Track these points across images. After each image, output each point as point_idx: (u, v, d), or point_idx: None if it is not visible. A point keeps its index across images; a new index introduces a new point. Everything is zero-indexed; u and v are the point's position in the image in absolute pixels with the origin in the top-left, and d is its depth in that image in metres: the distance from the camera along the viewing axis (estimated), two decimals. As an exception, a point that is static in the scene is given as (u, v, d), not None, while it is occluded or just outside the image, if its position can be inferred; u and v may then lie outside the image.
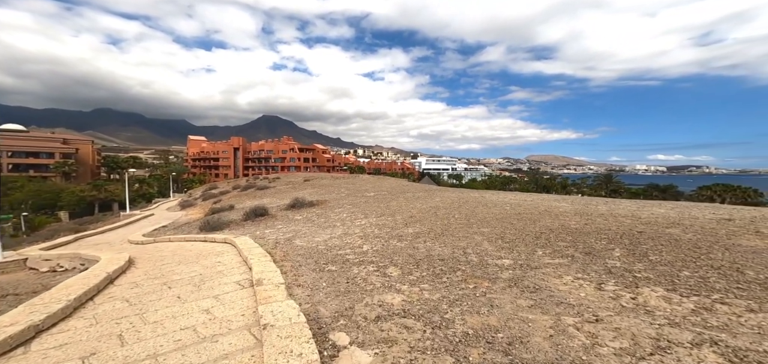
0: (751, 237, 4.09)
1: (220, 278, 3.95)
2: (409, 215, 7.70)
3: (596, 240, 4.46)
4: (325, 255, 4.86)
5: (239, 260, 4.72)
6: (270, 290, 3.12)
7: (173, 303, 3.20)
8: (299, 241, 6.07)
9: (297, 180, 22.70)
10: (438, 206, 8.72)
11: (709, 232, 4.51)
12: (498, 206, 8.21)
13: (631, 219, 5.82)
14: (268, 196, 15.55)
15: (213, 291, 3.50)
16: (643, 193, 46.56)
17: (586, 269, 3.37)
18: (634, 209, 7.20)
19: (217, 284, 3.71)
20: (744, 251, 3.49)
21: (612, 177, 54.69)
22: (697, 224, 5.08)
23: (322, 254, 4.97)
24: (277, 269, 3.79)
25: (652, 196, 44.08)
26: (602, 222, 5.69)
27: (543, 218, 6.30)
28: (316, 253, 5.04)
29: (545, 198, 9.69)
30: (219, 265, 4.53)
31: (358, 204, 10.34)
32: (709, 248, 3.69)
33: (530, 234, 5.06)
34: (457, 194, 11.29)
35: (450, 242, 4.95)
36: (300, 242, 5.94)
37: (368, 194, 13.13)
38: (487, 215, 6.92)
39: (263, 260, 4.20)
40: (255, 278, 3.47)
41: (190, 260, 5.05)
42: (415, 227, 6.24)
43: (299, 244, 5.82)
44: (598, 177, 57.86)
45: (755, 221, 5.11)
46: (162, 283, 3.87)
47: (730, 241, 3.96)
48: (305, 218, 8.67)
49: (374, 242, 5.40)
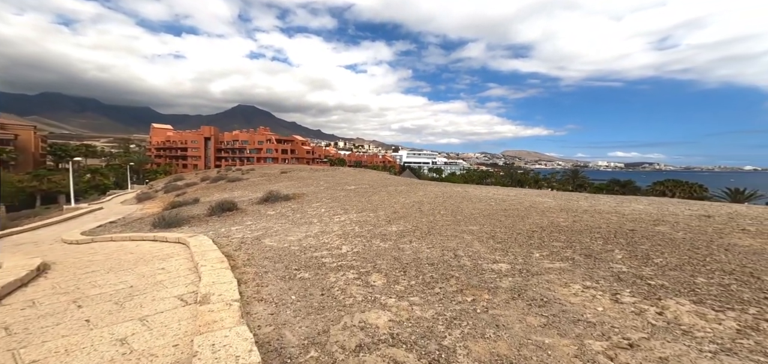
0: (741, 236, 4.00)
1: (157, 291, 3.15)
2: (392, 210, 7.17)
3: (591, 240, 4.19)
4: (297, 258, 4.19)
5: (191, 265, 3.91)
6: (218, 309, 2.42)
7: (76, 330, 2.40)
8: (269, 240, 5.32)
9: (273, 172, 21.48)
10: (422, 200, 8.27)
11: (697, 230, 4.40)
12: (483, 201, 7.91)
13: (616, 216, 5.69)
14: (240, 188, 14.34)
15: (141, 311, 2.72)
16: (606, 188, 49.75)
17: (592, 274, 3.01)
18: (614, 204, 7.18)
19: (151, 300, 2.92)
20: (744, 252, 3.32)
21: (578, 172, 57.97)
22: (682, 222, 5.00)
23: (294, 256, 4.29)
24: (233, 280, 3.07)
25: (614, 190, 47.23)
26: (589, 219, 5.50)
27: (530, 214, 6.03)
28: (287, 255, 4.35)
29: (527, 193, 9.59)
30: (161, 273, 3.69)
31: (338, 198, 9.65)
32: (709, 249, 3.50)
33: (522, 233, 4.71)
34: (441, 188, 10.95)
35: (438, 243, 4.47)
36: (270, 242, 5.19)
37: (349, 187, 12.46)
38: (473, 211, 6.55)
39: (218, 266, 3.45)
40: (202, 292, 2.73)
41: (126, 266, 4.13)
42: (399, 225, 5.71)
43: (269, 244, 5.07)
44: (566, 172, 61.19)
45: (735, 218, 5.14)
46: (71, 300, 2.99)
47: (724, 240, 3.83)
48: (279, 214, 7.86)
49: (355, 242, 4.80)
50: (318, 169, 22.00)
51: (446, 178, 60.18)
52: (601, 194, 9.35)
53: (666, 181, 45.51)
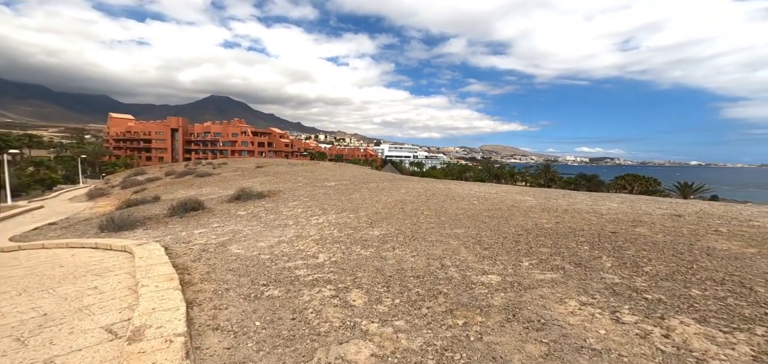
0: (716, 238, 4.07)
1: (79, 320, 2.55)
2: (373, 210, 6.80)
3: (577, 244, 4.09)
4: (267, 270, 3.71)
5: (133, 282, 3.31)
6: (154, 349, 1.92)
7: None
8: (236, 247, 4.76)
9: (248, 166, 20.29)
10: (404, 199, 7.98)
11: (674, 232, 4.46)
12: (466, 199, 7.76)
13: (595, 216, 5.73)
14: (209, 185, 13.28)
15: (49, 351, 2.14)
16: (574, 182, 52.77)
17: (586, 287, 2.84)
18: (591, 203, 7.31)
19: (67, 334, 2.33)
20: (726, 257, 3.33)
21: (549, 167, 61.07)
22: (658, 223, 5.09)
23: (263, 268, 3.80)
24: (181, 305, 2.55)
25: (582, 185, 50.19)
26: (570, 220, 5.48)
27: (514, 215, 5.93)
28: (255, 266, 3.85)
29: (508, 191, 9.62)
30: (91, 294, 3.05)
31: (317, 196, 9.13)
32: (692, 254, 3.49)
33: (508, 237, 4.55)
34: (423, 185, 10.74)
35: (423, 250, 4.18)
36: (236, 249, 4.64)
37: (328, 183, 11.92)
38: (457, 212, 6.35)
39: (164, 286, 2.89)
40: (135, 323, 2.20)
41: (49, 284, 3.42)
42: (381, 228, 5.36)
43: (235, 252, 4.52)
44: (539, 167, 64.22)
45: (704, 218, 5.32)
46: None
47: (702, 243, 3.86)
48: (251, 214, 7.21)
49: (333, 249, 4.38)
50: (296, 164, 21.08)
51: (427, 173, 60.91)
52: (576, 192, 9.59)
53: (626, 175, 49.13)
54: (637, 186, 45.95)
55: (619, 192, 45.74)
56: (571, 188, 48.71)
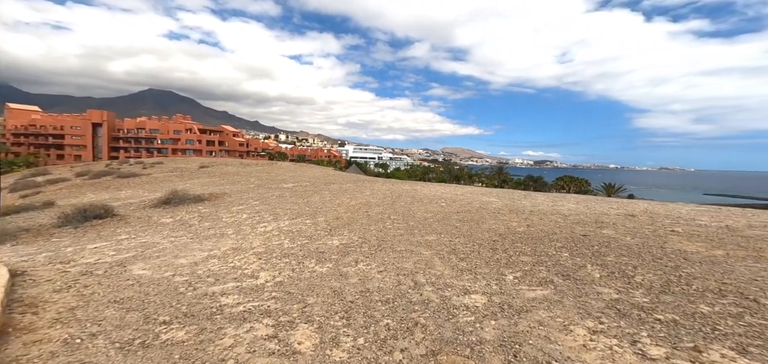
0: (679, 239, 4.04)
1: None
2: (334, 215, 5.92)
3: (556, 250, 3.74)
4: (178, 299, 2.66)
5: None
6: None
7: None
8: (141, 266, 3.53)
9: (190, 166, 17.72)
10: (369, 201, 7.22)
11: (637, 233, 4.40)
12: (433, 201, 7.29)
13: (560, 217, 5.62)
14: (133, 187, 11.02)
15: None
16: (523, 183, 57.25)
17: (586, 307, 2.38)
18: (550, 203, 7.35)
19: None
20: (703, 262, 3.19)
21: (502, 169, 65.53)
22: (618, 223, 5.08)
23: (173, 295, 2.73)
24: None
25: (529, 185, 54.58)
26: (539, 222, 5.26)
27: (484, 218, 5.56)
28: (161, 294, 2.76)
29: (473, 192, 9.44)
30: None
31: (269, 199, 7.91)
32: (671, 259, 3.31)
33: (484, 244, 4.06)
34: (388, 186, 10.10)
35: (392, 263, 3.46)
36: (141, 270, 3.43)
37: (285, 185, 10.65)
38: (426, 215, 5.79)
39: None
40: None
41: None
42: (342, 236, 4.53)
43: (137, 274, 3.32)
44: (493, 168, 68.53)
45: (654, 218, 5.47)
46: None
47: (671, 246, 3.77)
48: (178, 222, 5.81)
49: (280, 266, 3.44)
50: (251, 164, 19.03)
51: (392, 174, 61.03)
52: (536, 193, 9.81)
53: (564, 177, 54.78)
54: (572, 186, 51.50)
55: (560, 192, 50.71)
56: (522, 188, 52.74)
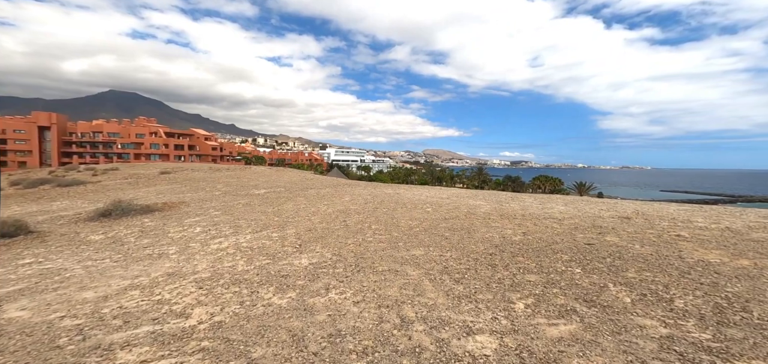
0: (693, 246, 3.65)
1: None
2: (307, 226, 5.11)
3: (564, 265, 3.20)
4: (44, 359, 1.79)
5: None
6: None
7: None
8: (21, 305, 2.55)
9: (149, 172, 16.08)
10: (348, 209, 6.46)
11: (644, 240, 3.96)
12: (418, 206, 6.66)
13: (554, 222, 5.17)
14: (71, 197, 9.51)
15: None
16: (502, 183, 58.57)
17: (634, 351, 1.77)
18: (539, 206, 6.96)
19: None
20: (739, 276, 2.75)
21: (482, 169, 66.85)
22: (618, 228, 4.68)
23: (43, 351, 1.84)
24: None
25: (508, 185, 55.87)
26: (535, 228, 4.77)
27: (474, 225, 4.98)
28: (25, 348, 1.86)
29: (459, 195, 8.94)
30: None
31: (233, 208, 6.93)
32: (705, 275, 2.84)
33: (480, 259, 3.45)
34: (370, 191, 9.38)
35: (373, 289, 2.75)
36: (17, 311, 2.46)
37: (256, 191, 9.62)
38: (411, 223, 5.13)
39: None
40: None
41: None
42: (314, 253, 3.75)
43: (10, 316, 2.36)
44: (473, 169, 69.79)
45: (650, 220, 5.14)
46: None
47: (690, 256, 3.34)
48: (111, 239, 4.73)
49: (224, 298, 2.61)
50: (221, 169, 17.61)
51: (375, 177, 60.30)
52: (522, 194, 9.48)
53: (539, 177, 56.68)
54: (547, 185, 53.43)
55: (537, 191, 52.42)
56: (501, 188, 53.95)
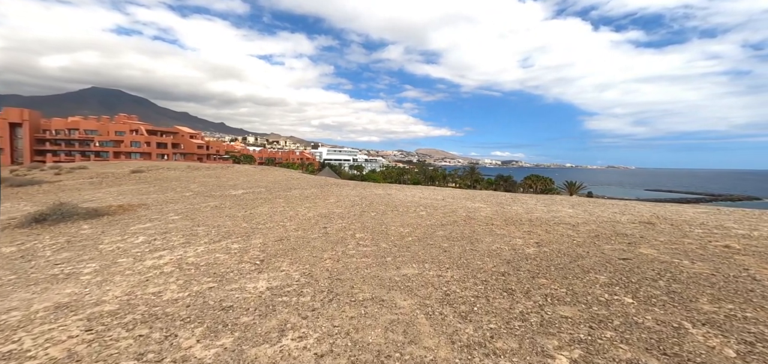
0: (749, 260, 3.02)
1: None
2: (279, 234, 4.27)
3: (604, 289, 2.45)
4: None
5: None
6: None
7: None
8: None
9: (120, 172, 14.90)
10: (332, 212, 5.64)
11: (692, 253, 3.28)
12: (411, 209, 5.89)
13: (569, 228, 4.47)
14: (17, 198, 8.37)
15: None
16: (494, 182, 58.59)
17: None
18: (544, 209, 6.30)
19: None
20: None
21: (474, 169, 66.84)
22: (650, 237, 3.96)
23: None
24: None
25: (500, 185, 55.85)
26: (547, 236, 4.05)
27: (477, 233, 4.24)
28: None
29: (455, 196, 8.22)
30: None
31: (199, 212, 6.02)
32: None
33: (491, 283, 2.70)
34: (359, 191, 8.57)
35: (346, 331, 1.94)
36: None
37: (233, 192, 8.70)
38: (402, 230, 4.35)
39: None
40: None
41: None
42: (277, 272, 2.92)
43: None
44: (465, 169, 69.73)
45: (677, 225, 4.51)
46: None
47: (761, 274, 2.70)
48: (20, 253, 3.75)
49: (118, 347, 1.74)
50: (201, 168, 16.49)
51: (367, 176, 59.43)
52: (522, 195, 8.83)
53: (531, 176, 56.84)
54: (539, 185, 53.67)
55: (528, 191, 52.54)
56: (493, 188, 53.87)
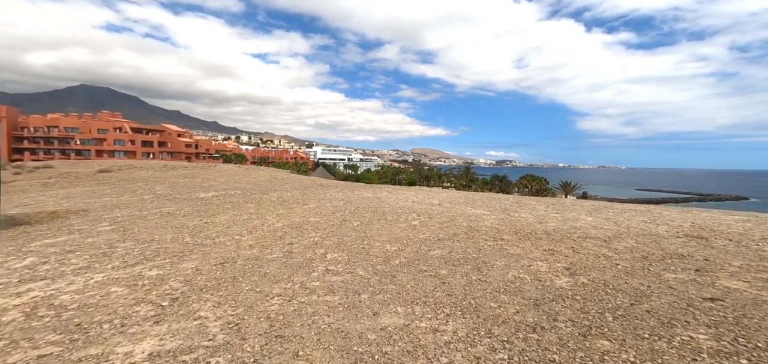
0: None
1: None
2: (224, 254, 3.26)
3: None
4: None
5: None
6: None
7: None
8: None
9: (85, 171, 13.67)
10: (306, 221, 4.65)
11: None
12: (401, 217, 4.95)
13: (601, 245, 3.59)
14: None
15: None
16: (490, 183, 58.11)
17: None
18: (558, 216, 5.40)
19: None
20: None
21: (469, 168, 66.32)
22: (718, 259, 3.14)
23: None
24: None
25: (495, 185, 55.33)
26: (580, 259, 3.15)
27: (484, 253, 3.31)
28: None
29: (452, 200, 7.30)
30: None
31: (139, 221, 4.96)
32: None
33: (520, 346, 1.73)
34: (345, 194, 7.59)
35: None
36: None
37: (201, 195, 7.65)
38: (389, 249, 3.39)
39: None
40: None
41: None
42: (185, 319, 1.91)
43: None
44: (461, 168, 69.18)
45: (748, 245, 3.69)
46: None
47: None
48: None
49: None
50: (177, 167, 15.26)
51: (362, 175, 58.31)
52: (528, 199, 7.92)
53: (526, 176, 56.48)
54: (534, 185, 53.36)
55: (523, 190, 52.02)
56: (489, 188, 53.28)
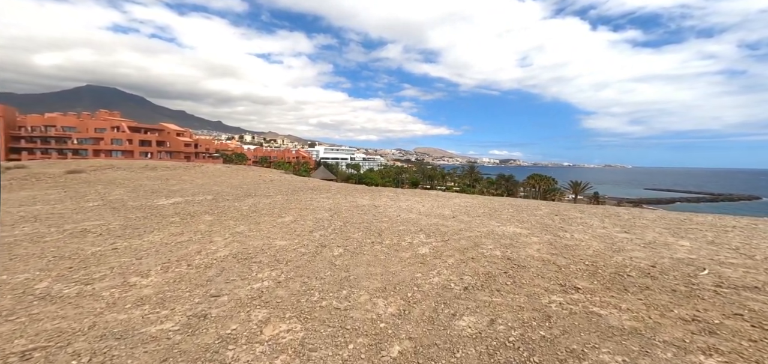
0: None
1: None
2: (65, 326, 1.87)
3: None
4: None
5: None
6: None
7: None
8: None
9: (52, 171, 12.61)
10: (269, 245, 3.24)
11: None
12: (404, 239, 3.52)
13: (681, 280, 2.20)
14: None
15: None
16: (495, 182, 56.36)
17: None
18: (636, 242, 4.00)
19: None
20: None
21: (473, 168, 64.65)
22: None
23: None
24: None
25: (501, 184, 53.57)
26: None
27: (565, 325, 1.91)
28: None
29: (468, 207, 5.85)
30: None
31: (37, 241, 3.63)
32: None
33: None
34: (336, 201, 6.21)
35: None
36: None
37: (162, 201, 6.38)
38: (383, 314, 1.97)
39: None
40: None
41: None
42: None
43: None
44: (464, 167, 67.57)
45: None
46: None
47: None
48: None
49: None
50: (157, 167, 13.99)
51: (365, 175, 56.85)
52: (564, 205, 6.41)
53: (533, 175, 54.63)
54: (541, 185, 51.61)
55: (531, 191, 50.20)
56: (494, 188, 51.56)
